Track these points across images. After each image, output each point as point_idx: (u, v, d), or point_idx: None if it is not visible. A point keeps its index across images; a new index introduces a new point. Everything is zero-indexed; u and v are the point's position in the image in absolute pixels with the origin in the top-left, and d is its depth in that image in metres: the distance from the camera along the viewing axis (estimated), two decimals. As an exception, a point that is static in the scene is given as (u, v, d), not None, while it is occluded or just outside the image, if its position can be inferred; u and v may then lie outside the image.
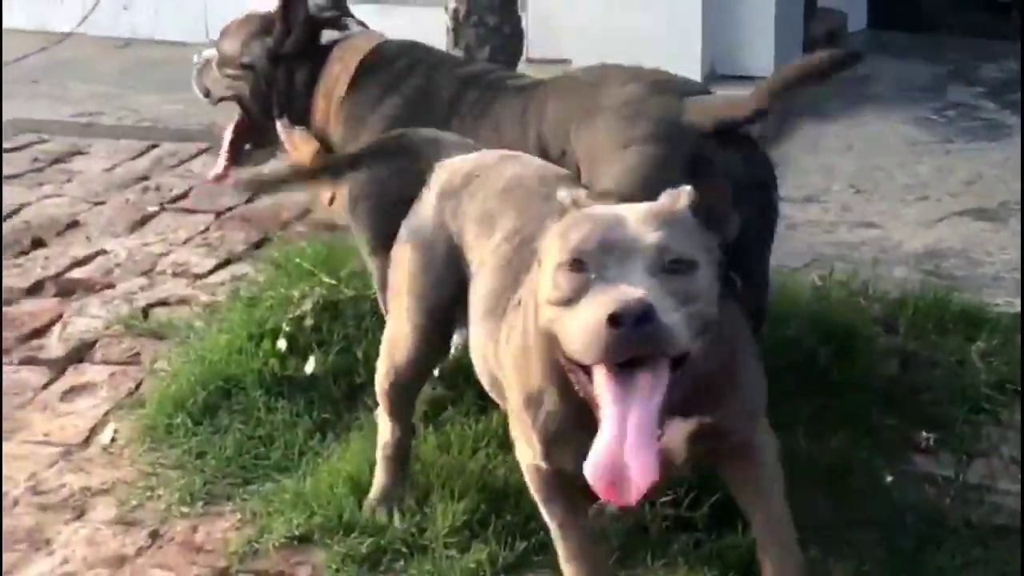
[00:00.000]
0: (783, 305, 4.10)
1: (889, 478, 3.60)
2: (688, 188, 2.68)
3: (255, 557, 3.35)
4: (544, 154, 3.48)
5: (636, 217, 2.58)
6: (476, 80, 3.76)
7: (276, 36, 3.87)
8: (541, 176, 3.17)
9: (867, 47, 7.81)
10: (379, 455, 3.47)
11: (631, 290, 2.45)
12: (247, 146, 4.04)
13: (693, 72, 6.57)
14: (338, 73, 3.82)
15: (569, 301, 2.51)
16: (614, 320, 2.41)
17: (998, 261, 4.90)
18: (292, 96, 3.87)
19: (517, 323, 2.81)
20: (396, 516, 3.39)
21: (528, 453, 2.88)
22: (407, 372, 3.35)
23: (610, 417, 2.47)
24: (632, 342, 2.42)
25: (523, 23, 4.65)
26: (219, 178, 4.09)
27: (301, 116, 3.87)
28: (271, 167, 4.01)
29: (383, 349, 3.39)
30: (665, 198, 2.68)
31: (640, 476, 2.45)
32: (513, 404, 2.85)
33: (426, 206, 3.27)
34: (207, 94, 4.10)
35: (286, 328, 4.05)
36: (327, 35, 3.89)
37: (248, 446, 3.73)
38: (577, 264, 2.51)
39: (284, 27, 3.86)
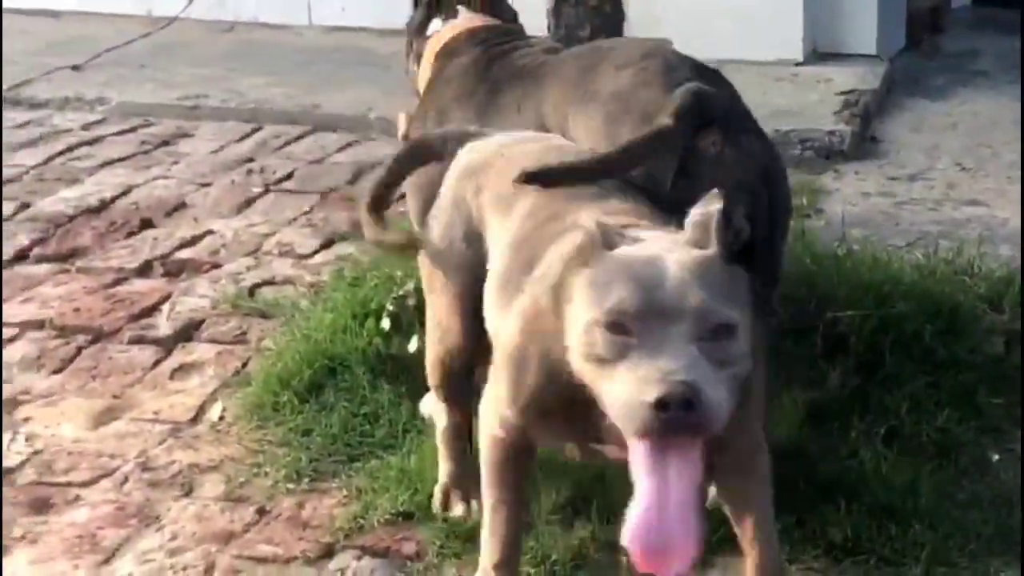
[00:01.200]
0: (888, 284, 4.06)
1: (995, 457, 3.59)
2: (716, 213, 2.61)
3: (360, 533, 3.37)
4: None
5: (675, 270, 2.51)
6: (497, 60, 3.75)
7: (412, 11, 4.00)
8: (561, 153, 3.15)
9: (970, 23, 7.74)
10: (440, 442, 3.45)
11: (677, 369, 2.41)
12: None
13: (795, 51, 6.56)
14: (427, 56, 3.89)
15: (606, 362, 2.48)
16: (661, 405, 2.39)
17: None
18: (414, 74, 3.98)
19: (521, 303, 2.80)
20: (473, 503, 3.36)
21: (492, 422, 2.87)
22: (456, 355, 3.33)
23: (647, 488, 2.45)
24: (677, 426, 2.40)
25: (624, 3, 4.64)
26: None
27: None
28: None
29: (429, 336, 3.38)
30: (694, 231, 2.61)
31: (684, 550, 2.43)
32: (496, 374, 2.84)
33: (446, 188, 3.26)
34: None
35: (389, 307, 4.06)
36: (432, 26, 3.97)
37: (353, 424, 3.75)
38: (618, 327, 2.47)
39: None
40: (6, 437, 3.80)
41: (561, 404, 2.70)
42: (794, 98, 6.23)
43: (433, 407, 3.52)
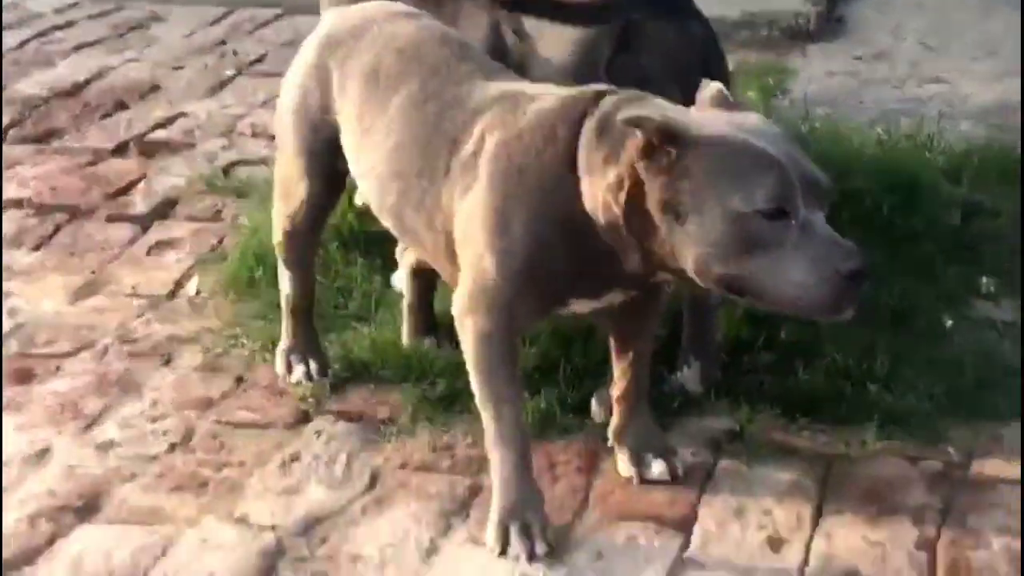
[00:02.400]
0: (849, 158, 4.14)
1: (950, 322, 3.67)
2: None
3: (335, 398, 3.46)
4: (496, 28, 3.44)
5: (790, 145, 2.62)
6: None
7: None
8: (442, 39, 3.17)
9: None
10: (284, 308, 3.54)
11: (849, 243, 2.56)
12: None
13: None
14: None
15: (764, 248, 2.55)
16: (858, 276, 2.53)
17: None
18: None
19: (478, 182, 2.85)
20: (313, 365, 3.49)
21: (484, 320, 2.89)
22: (301, 220, 3.41)
23: None
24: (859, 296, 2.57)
25: None
26: None
27: None
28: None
29: (276, 195, 3.45)
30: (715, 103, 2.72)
31: None
32: (478, 259, 2.86)
33: (308, 56, 3.30)
34: None
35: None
36: None
37: (327, 297, 3.82)
38: (780, 213, 2.54)
39: None
40: (-13, 312, 3.89)
41: (551, 266, 2.80)
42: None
43: (280, 273, 3.56)
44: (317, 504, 3.10)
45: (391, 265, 3.90)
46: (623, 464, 3.16)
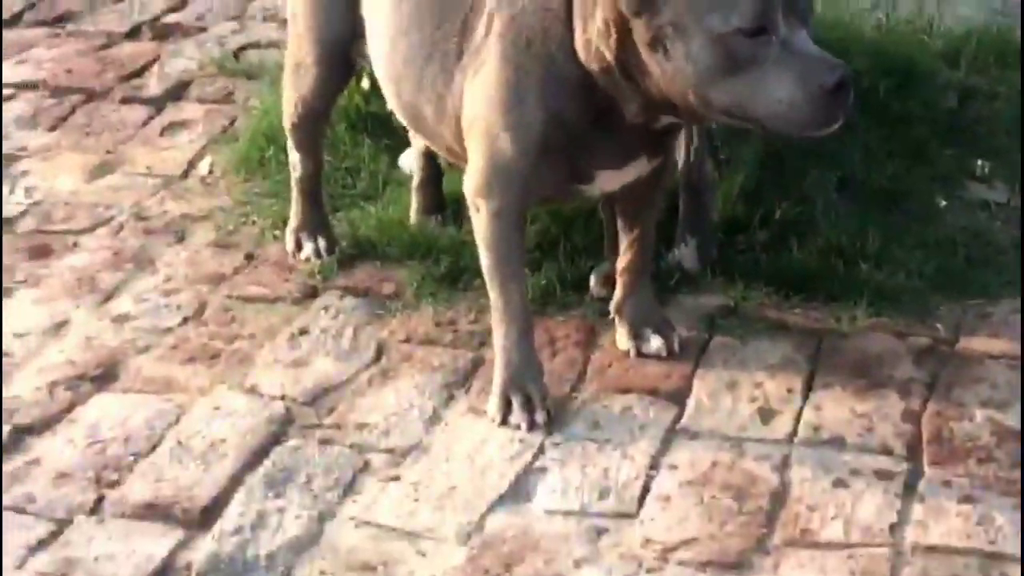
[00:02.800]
0: (846, 42, 4.14)
1: (943, 203, 3.72)
2: None
3: (342, 274, 3.54)
4: None
5: None
6: None
7: None
8: None
9: None
10: (293, 188, 3.61)
11: (831, 57, 2.61)
12: None
13: None
14: None
15: (746, 67, 2.60)
16: (842, 88, 2.59)
17: None
18: None
19: (488, 62, 2.90)
20: (321, 243, 3.57)
21: (498, 199, 2.95)
22: (312, 103, 3.48)
23: None
24: (847, 109, 2.63)
25: None
26: None
27: None
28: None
29: (286, 81, 3.51)
30: None
31: None
32: (492, 138, 2.91)
33: None
34: None
35: (369, 69, 4.16)
36: None
37: (335, 176, 3.88)
38: (760, 30, 2.59)
39: None
40: (6, 190, 3.96)
41: (566, 134, 2.86)
42: None
43: (290, 153, 3.63)
44: (324, 375, 3.20)
45: (398, 146, 3.96)
46: (622, 338, 3.24)
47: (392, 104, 3.29)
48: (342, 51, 3.38)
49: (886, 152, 3.81)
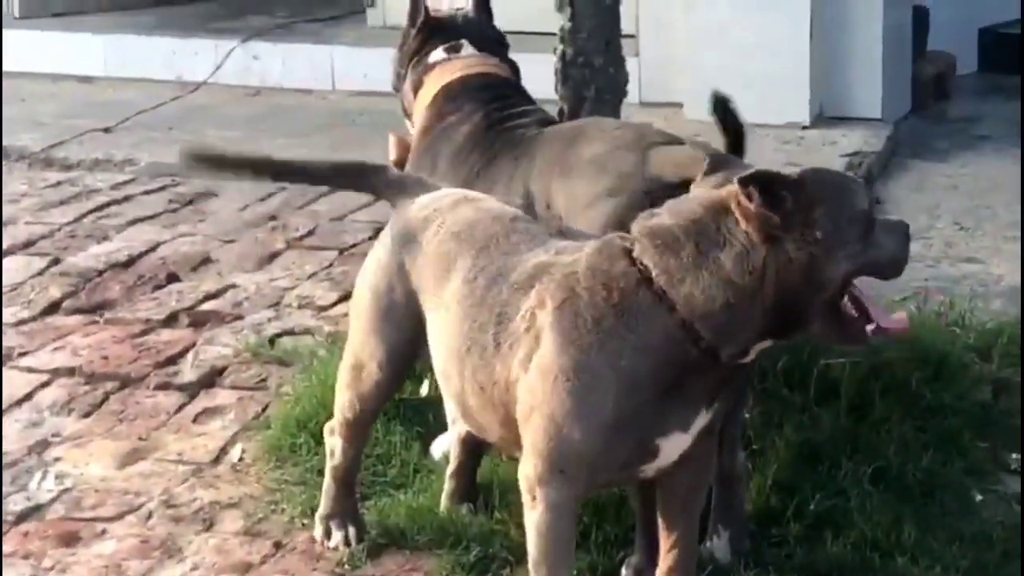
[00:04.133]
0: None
1: (979, 497, 3.71)
2: None
3: (370, 564, 3.51)
4: (531, 206, 3.57)
5: None
6: (495, 128, 3.82)
7: (402, 35, 4.02)
8: (496, 216, 3.26)
9: (976, 89, 7.87)
10: (329, 476, 3.60)
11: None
12: None
13: (802, 114, 6.72)
14: (425, 95, 3.93)
15: (874, 230, 2.91)
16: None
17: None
18: (405, 104, 4.04)
19: (542, 355, 2.93)
20: (351, 531, 3.55)
21: (559, 489, 2.96)
22: (369, 403, 3.50)
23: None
24: None
25: (634, 65, 4.78)
26: None
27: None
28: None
29: (343, 379, 3.51)
30: None
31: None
32: (557, 428, 2.92)
33: (384, 249, 3.40)
34: None
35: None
36: (436, 56, 3.97)
37: (366, 464, 3.85)
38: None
39: (407, 26, 3.99)
40: (37, 476, 3.97)
41: (640, 404, 2.89)
42: (800, 159, 6.32)
43: (331, 444, 3.61)
44: (351, 668, 3.16)
45: (431, 433, 3.98)
46: None
47: (444, 395, 3.33)
48: (407, 355, 3.41)
49: (920, 444, 3.82)
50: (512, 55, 4.13)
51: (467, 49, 4.02)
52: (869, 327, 2.93)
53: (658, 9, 6.97)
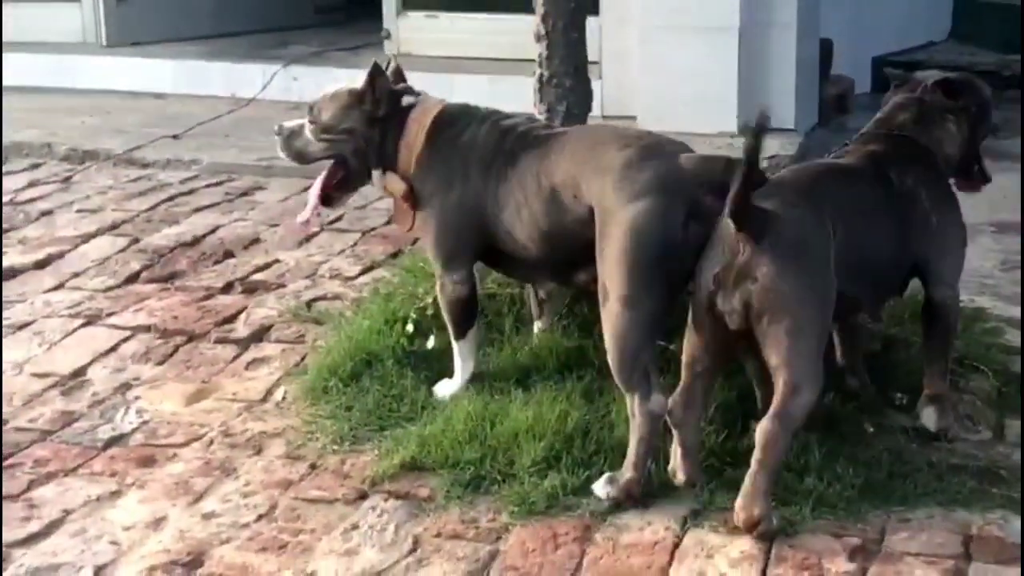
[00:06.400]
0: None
1: (870, 428, 3.69)
2: None
3: (388, 481, 3.51)
4: (557, 198, 3.54)
5: None
6: (510, 133, 3.76)
7: (369, 104, 3.82)
8: None
9: (871, 106, 7.83)
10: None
11: None
12: (337, 193, 4.01)
13: (731, 125, 6.72)
14: (416, 130, 3.82)
15: None
16: None
17: (965, 268, 4.90)
18: (383, 149, 3.85)
19: None
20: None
21: None
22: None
23: None
24: None
25: (598, 86, 4.77)
26: (306, 224, 4.12)
27: (392, 164, 3.86)
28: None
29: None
30: None
31: None
32: None
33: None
34: (299, 157, 4.00)
35: (413, 316, 4.18)
36: (408, 100, 3.88)
37: (383, 403, 3.87)
38: None
39: (375, 97, 3.82)
40: (121, 411, 3.97)
41: None
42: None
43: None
44: (370, 564, 3.16)
45: (436, 378, 3.97)
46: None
47: None
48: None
49: (824, 386, 3.77)
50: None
51: (424, 94, 3.95)
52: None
53: (617, 42, 6.95)
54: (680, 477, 3.40)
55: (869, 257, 3.50)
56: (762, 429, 3.20)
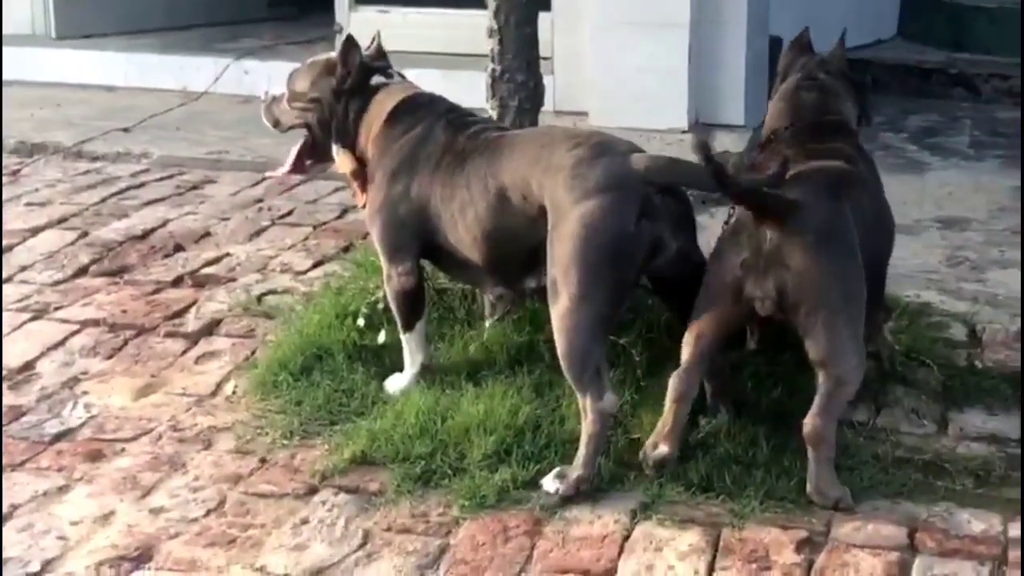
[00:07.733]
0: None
1: (817, 423, 3.71)
2: None
3: (337, 475, 3.49)
4: (505, 199, 3.53)
5: None
6: (463, 131, 3.76)
7: (338, 76, 3.86)
8: None
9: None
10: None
11: None
12: (308, 161, 4.05)
13: (681, 122, 6.73)
14: (377, 112, 3.84)
15: None
16: None
17: (911, 264, 4.99)
18: (345, 124, 3.88)
19: None
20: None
21: None
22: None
23: None
24: None
25: (550, 81, 4.75)
26: (285, 176, 4.20)
27: (350, 140, 3.88)
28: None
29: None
30: None
31: None
32: None
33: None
34: (276, 124, 4.07)
35: (364, 310, 4.17)
36: (377, 80, 3.89)
37: (334, 397, 3.86)
38: None
39: (344, 70, 3.85)
40: (69, 405, 3.93)
41: None
42: (682, 155, 6.30)
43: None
44: (320, 558, 3.14)
45: (385, 373, 3.96)
46: None
47: None
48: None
49: (771, 381, 3.81)
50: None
51: (397, 77, 3.98)
52: None
53: (569, 38, 6.94)
54: (663, 449, 3.40)
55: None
56: (812, 426, 3.31)
